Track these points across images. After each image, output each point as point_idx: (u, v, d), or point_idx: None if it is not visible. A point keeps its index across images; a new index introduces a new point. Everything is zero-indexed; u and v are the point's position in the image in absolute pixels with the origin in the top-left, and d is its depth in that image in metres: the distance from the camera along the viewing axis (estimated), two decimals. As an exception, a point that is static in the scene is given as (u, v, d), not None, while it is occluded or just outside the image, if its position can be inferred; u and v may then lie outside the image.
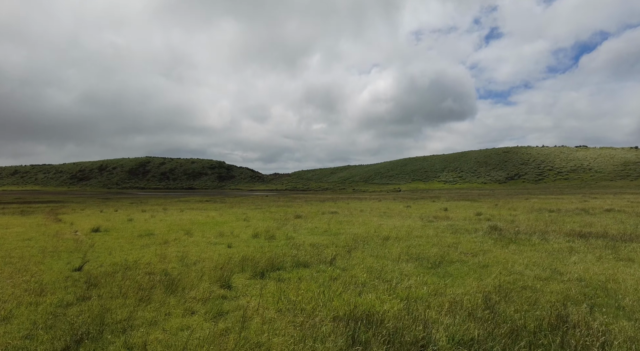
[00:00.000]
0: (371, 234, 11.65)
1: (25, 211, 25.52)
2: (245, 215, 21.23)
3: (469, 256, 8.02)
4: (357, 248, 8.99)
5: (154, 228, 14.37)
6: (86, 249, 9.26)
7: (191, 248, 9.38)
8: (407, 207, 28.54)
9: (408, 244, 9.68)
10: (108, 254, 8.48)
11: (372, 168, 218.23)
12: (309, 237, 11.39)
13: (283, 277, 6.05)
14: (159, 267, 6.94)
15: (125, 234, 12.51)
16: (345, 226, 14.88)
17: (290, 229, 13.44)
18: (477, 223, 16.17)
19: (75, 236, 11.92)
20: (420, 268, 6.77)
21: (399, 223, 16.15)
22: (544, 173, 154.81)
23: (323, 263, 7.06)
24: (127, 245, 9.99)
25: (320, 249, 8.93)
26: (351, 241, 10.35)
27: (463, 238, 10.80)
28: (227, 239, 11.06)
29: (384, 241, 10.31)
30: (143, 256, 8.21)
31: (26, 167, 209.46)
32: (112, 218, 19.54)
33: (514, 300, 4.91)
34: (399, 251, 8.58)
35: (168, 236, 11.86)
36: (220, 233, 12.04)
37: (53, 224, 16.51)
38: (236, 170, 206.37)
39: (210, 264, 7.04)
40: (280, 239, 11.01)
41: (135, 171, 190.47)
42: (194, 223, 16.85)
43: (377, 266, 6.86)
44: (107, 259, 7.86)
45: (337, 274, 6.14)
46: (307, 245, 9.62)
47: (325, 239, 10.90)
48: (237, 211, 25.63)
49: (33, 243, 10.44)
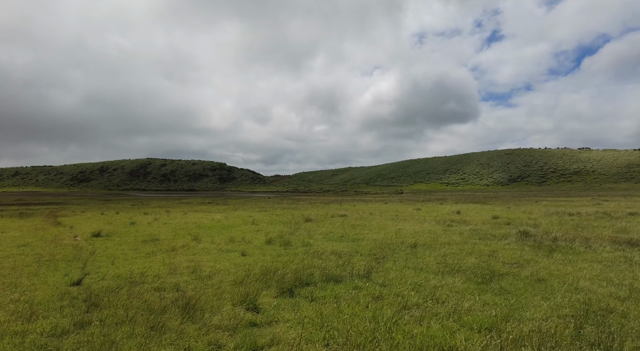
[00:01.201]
0: (394, 241, 10.77)
1: (24, 214, 24.66)
2: (251, 218, 20.35)
3: (515, 268, 7.13)
4: (386, 258, 8.10)
5: (159, 233, 13.50)
6: (86, 257, 8.38)
7: (202, 256, 8.50)
8: (417, 210, 27.63)
9: (440, 253, 8.78)
10: (111, 264, 7.60)
11: (373, 170, 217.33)
12: (328, 243, 10.51)
13: (316, 295, 5.16)
14: (170, 281, 6.06)
15: (129, 239, 11.64)
16: (362, 230, 14.00)
17: (304, 234, 12.56)
18: (498, 227, 15.28)
19: (74, 242, 11.05)
20: (470, 283, 5.89)
21: (417, 227, 15.26)
22: (547, 175, 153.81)
23: (357, 276, 6.17)
24: (131, 252, 9.11)
25: (345, 258, 8.05)
26: (376, 248, 9.46)
27: (496, 245, 9.90)
28: (239, 245, 10.18)
29: (411, 248, 9.42)
30: (150, 266, 7.33)
31: (27, 169, 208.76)
32: (114, 221, 18.67)
33: (605, 328, 4.02)
34: (434, 261, 7.70)
35: (175, 241, 10.98)
36: (230, 239, 11.15)
37: (52, 227, 15.64)
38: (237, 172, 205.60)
39: (228, 278, 6.16)
40: (296, 245, 10.12)
41: (136, 172, 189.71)
42: (200, 226, 15.97)
43: (420, 280, 5.97)
44: (109, 271, 6.98)
45: (378, 292, 5.25)
46: (328, 253, 8.74)
47: (345, 246, 10.02)
48: (242, 213, 24.74)
49: (28, 249, 9.57)
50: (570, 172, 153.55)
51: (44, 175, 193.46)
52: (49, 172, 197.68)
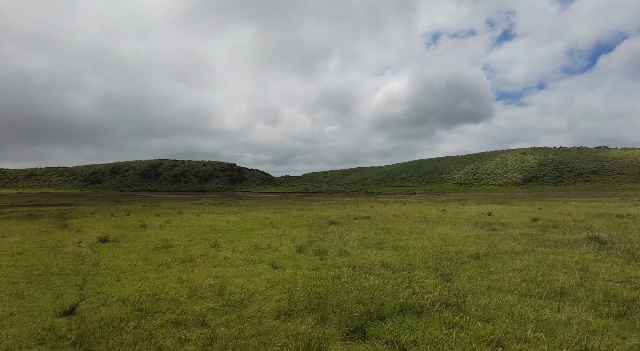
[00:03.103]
0: (445, 249, 9.16)
1: (33, 215, 23.58)
2: (269, 220, 18.89)
3: (633, 289, 5.49)
4: (454, 273, 6.50)
5: (172, 237, 12.10)
6: (88, 270, 6.97)
7: (226, 269, 7.02)
8: (443, 211, 25.88)
9: (514, 265, 7.15)
10: (116, 280, 6.16)
11: (384, 170, 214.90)
12: (369, 252, 8.95)
13: (401, 339, 3.61)
14: (191, 310, 4.57)
15: (138, 246, 10.24)
16: (398, 235, 12.41)
17: (336, 240, 11.01)
18: (548, 231, 13.55)
19: (77, 249, 9.68)
20: (601, 317, 4.28)
21: (458, 231, 13.61)
22: (563, 175, 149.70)
23: (440, 304, 4.60)
24: (140, 263, 7.68)
25: (403, 274, 6.49)
26: (430, 259, 7.88)
27: (575, 256, 8.22)
28: (266, 254, 8.69)
29: (475, 260, 7.82)
30: (164, 284, 5.86)
31: (41, 170, 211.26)
32: (124, 223, 17.38)
33: None
34: (518, 279, 6.09)
35: (191, 249, 9.54)
36: (254, 246, 9.66)
37: (57, 231, 14.38)
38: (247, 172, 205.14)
39: (268, 305, 4.65)
40: (333, 255, 8.58)
41: (147, 173, 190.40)
42: (216, 229, 14.55)
43: (527, 311, 4.39)
44: (113, 290, 5.53)
45: (490, 334, 3.68)
46: (378, 266, 7.18)
47: (392, 256, 8.45)
48: (258, 214, 23.31)
49: (23, 259, 8.21)
50: (587, 172, 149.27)
51: (57, 176, 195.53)
52: (62, 174, 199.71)
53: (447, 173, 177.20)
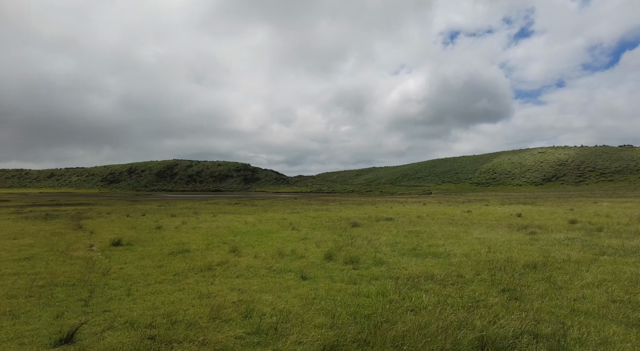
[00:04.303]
0: (492, 257, 8.11)
1: (50, 215, 23.34)
2: (287, 221, 18.05)
3: None
4: (519, 290, 5.48)
5: (188, 241, 11.35)
6: (96, 280, 6.21)
7: (250, 281, 6.15)
8: (468, 212, 24.62)
9: (590, 280, 6.07)
10: (126, 295, 5.36)
11: (398, 170, 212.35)
12: (406, 260, 7.97)
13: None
14: (214, 338, 3.71)
15: (153, 250, 9.50)
16: (430, 240, 11.38)
17: (365, 246, 10.06)
18: (595, 235, 12.32)
19: (88, 254, 8.99)
20: None
21: (495, 235, 12.49)
22: (584, 175, 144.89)
23: (530, 336, 3.61)
24: (154, 272, 6.90)
25: (456, 290, 5.51)
26: (480, 269, 6.86)
27: (649, 267, 7.08)
28: (292, 262, 7.80)
29: (532, 270, 6.77)
30: (181, 300, 5.03)
31: (61, 170, 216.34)
32: (139, 224, 16.79)
33: None
34: (606, 299, 5.04)
35: (209, 254, 8.74)
36: (278, 252, 8.78)
37: (70, 233, 13.84)
38: (261, 172, 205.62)
39: (307, 333, 3.75)
40: (367, 263, 7.64)
41: (163, 173, 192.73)
42: (234, 232, 13.77)
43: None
44: (122, 308, 4.73)
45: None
46: (423, 279, 6.21)
47: (434, 265, 7.46)
48: (274, 215, 22.52)
49: (29, 266, 7.53)
50: (611, 171, 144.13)
51: (76, 176, 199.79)
52: (81, 174, 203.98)
53: (463, 173, 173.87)
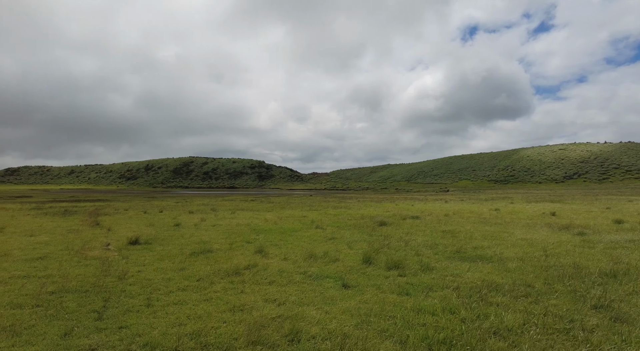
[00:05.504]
0: (551, 262, 7.13)
1: (69, 211, 23.17)
2: (308, 219, 17.27)
3: None
4: (616, 307, 4.53)
5: (210, 239, 10.67)
6: (112, 286, 5.52)
7: (286, 289, 5.36)
8: (496, 210, 23.39)
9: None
10: (145, 305, 4.64)
11: (414, 167, 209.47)
12: (455, 265, 7.06)
13: None
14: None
15: (173, 250, 8.82)
16: (470, 241, 10.42)
17: (403, 247, 9.16)
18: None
19: (104, 254, 8.36)
20: None
21: (540, 236, 11.43)
22: (609, 172, 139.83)
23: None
24: (176, 277, 6.18)
25: (529, 301, 4.60)
26: (549, 277, 5.91)
27: None
28: (326, 266, 6.98)
29: (611, 280, 5.78)
30: (209, 314, 4.26)
31: (81, 167, 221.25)
32: (157, 221, 16.27)
33: None
34: None
35: (233, 255, 8.00)
36: (309, 254, 7.97)
37: (87, 229, 13.36)
38: (275, 169, 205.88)
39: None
40: (413, 269, 6.75)
41: (179, 170, 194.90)
42: (256, 230, 13.06)
43: None
44: (141, 324, 3.99)
45: None
46: (487, 290, 5.30)
47: (491, 271, 6.53)
48: (294, 213, 21.77)
49: (41, 267, 6.92)
50: (637, 168, 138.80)
51: (95, 173, 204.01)
52: (99, 171, 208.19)
53: (480, 170, 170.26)
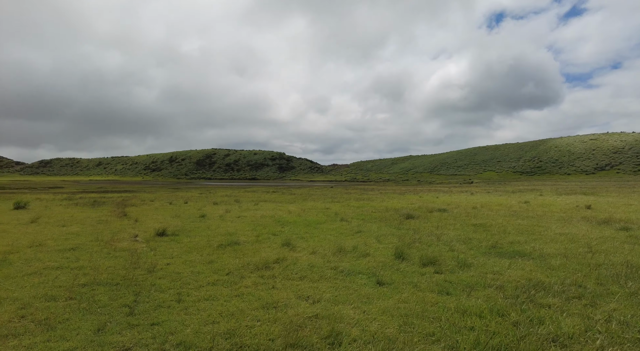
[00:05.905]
0: (598, 260, 6.63)
1: (98, 202, 23.80)
2: (331, 211, 17.03)
3: None
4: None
5: (236, 231, 10.62)
6: (141, 279, 5.47)
7: (318, 285, 5.15)
8: (525, 203, 22.49)
9: None
10: (176, 301, 4.53)
11: (437, 158, 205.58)
12: (493, 262, 6.66)
13: None
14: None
15: (200, 242, 8.79)
16: (504, 235, 9.93)
17: (435, 242, 8.80)
18: None
19: (133, 245, 8.41)
20: None
21: (579, 230, 10.79)
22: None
23: None
24: (205, 270, 6.08)
25: (583, 303, 4.21)
26: (599, 275, 5.46)
27: None
28: (356, 260, 6.74)
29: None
30: (242, 312, 4.10)
31: (107, 159, 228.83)
32: (182, 212, 16.44)
33: None
34: None
35: (261, 248, 7.88)
36: (337, 248, 7.74)
37: (115, 220, 13.61)
38: (296, 161, 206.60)
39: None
40: (450, 266, 6.41)
41: (202, 162, 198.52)
42: (280, 222, 12.95)
43: None
44: (172, 321, 3.87)
45: None
46: (533, 290, 4.91)
47: (531, 267, 6.11)
48: (316, 204, 21.60)
49: (73, 258, 6.99)
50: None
51: (121, 165, 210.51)
52: (125, 163, 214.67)
53: (505, 161, 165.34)
